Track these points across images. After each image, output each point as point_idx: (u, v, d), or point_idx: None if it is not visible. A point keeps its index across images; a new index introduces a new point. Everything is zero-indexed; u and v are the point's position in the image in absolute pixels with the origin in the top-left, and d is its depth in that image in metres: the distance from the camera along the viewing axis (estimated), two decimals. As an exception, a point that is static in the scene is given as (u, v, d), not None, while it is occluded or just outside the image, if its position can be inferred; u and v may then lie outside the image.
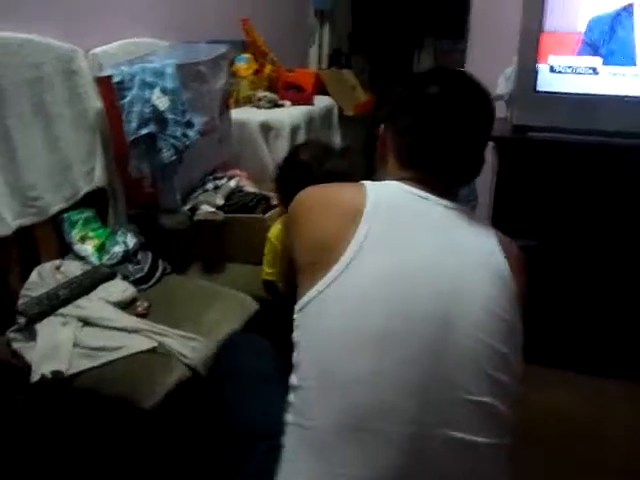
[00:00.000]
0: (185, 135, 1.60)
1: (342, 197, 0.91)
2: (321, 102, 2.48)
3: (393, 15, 4.01)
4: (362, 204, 0.87)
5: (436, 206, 0.90)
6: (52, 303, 1.33)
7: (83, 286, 1.40)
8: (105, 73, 1.53)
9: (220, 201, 1.72)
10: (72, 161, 1.55)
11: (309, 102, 2.39)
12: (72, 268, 1.46)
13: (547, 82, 1.98)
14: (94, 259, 1.53)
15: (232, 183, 1.80)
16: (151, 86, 1.52)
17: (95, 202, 1.63)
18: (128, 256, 1.56)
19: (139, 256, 1.58)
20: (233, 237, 1.72)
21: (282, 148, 2.15)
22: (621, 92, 1.91)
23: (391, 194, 0.91)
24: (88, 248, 1.54)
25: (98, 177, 1.61)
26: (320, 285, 0.83)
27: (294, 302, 0.89)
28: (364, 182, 0.93)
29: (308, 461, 0.78)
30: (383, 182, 0.94)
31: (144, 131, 1.51)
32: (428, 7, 4.48)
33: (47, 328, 1.28)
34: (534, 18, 1.95)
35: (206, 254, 1.74)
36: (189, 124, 1.62)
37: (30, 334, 1.27)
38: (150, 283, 1.53)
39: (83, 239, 1.55)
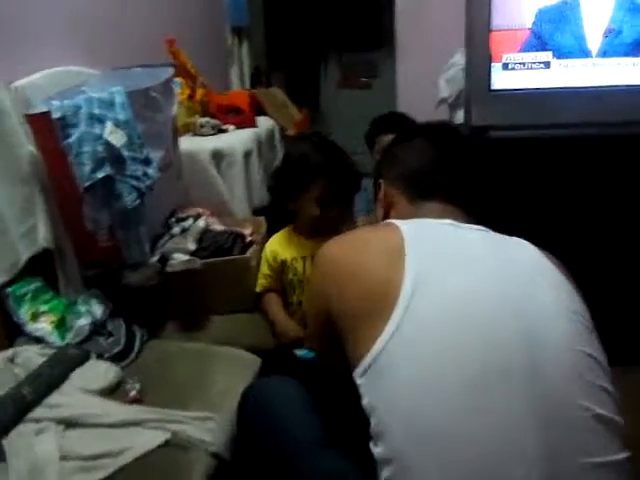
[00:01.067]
0: (146, 174, 1.35)
1: (377, 236, 0.86)
2: (262, 123, 2.29)
3: (302, 30, 3.92)
4: (400, 238, 0.80)
5: (465, 230, 0.86)
6: (17, 407, 1.03)
7: (52, 377, 1.10)
8: (39, 109, 1.24)
9: (192, 246, 1.48)
10: (7, 222, 1.25)
11: (253, 124, 2.19)
12: (31, 355, 1.15)
13: (501, 80, 1.94)
14: (55, 339, 1.23)
15: (201, 223, 1.56)
16: (100, 120, 1.26)
17: (42, 268, 1.32)
18: (97, 329, 1.27)
19: (109, 326, 1.29)
20: (213, 285, 1.47)
21: (237, 177, 1.95)
22: (574, 84, 1.91)
23: (422, 226, 0.86)
24: (44, 326, 1.23)
25: (42, 236, 1.31)
26: (383, 337, 0.72)
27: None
28: (391, 220, 0.88)
29: None
30: (407, 220, 0.87)
31: (100, 174, 1.24)
32: (331, 22, 4.48)
33: (19, 442, 0.98)
34: (482, 16, 1.90)
35: (184, 309, 1.48)
36: (147, 161, 1.37)
37: (-3, 455, 0.97)
38: (131, 357, 1.25)
39: (35, 316, 1.24)
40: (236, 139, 2.00)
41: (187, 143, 1.89)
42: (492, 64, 1.92)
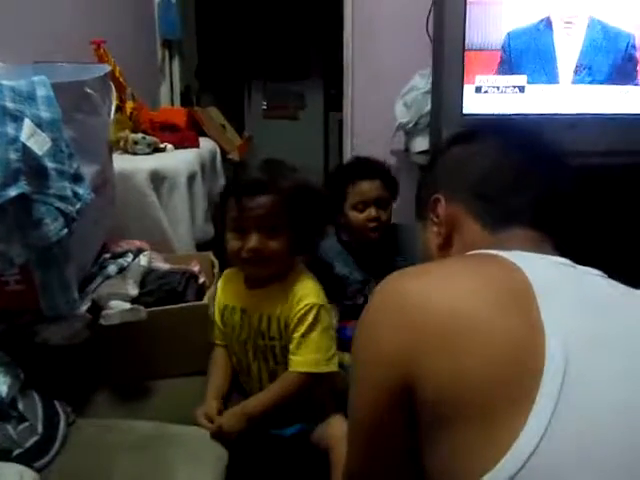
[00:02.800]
0: (75, 194, 1.00)
1: (483, 269, 0.56)
2: (203, 144, 1.98)
3: (231, 54, 3.68)
4: (522, 277, 0.53)
5: (589, 276, 0.59)
6: None
7: None
8: None
9: (134, 290, 1.13)
10: None
11: (195, 144, 1.88)
12: None
13: (473, 104, 1.80)
14: None
15: (142, 261, 1.21)
16: (15, 117, 0.91)
17: None
18: (2, 410, 0.88)
19: (20, 405, 0.91)
20: (163, 341, 1.13)
21: (180, 204, 1.61)
22: (548, 110, 1.82)
23: (538, 263, 0.58)
24: None
25: None
26: (522, 443, 0.44)
27: None
28: (492, 251, 0.59)
29: None
30: (510, 252, 0.59)
31: (13, 191, 0.88)
32: (257, 50, 4.30)
33: None
34: (455, 34, 1.76)
35: (122, 374, 1.12)
36: (78, 177, 1.02)
37: None
38: (53, 451, 0.88)
39: None
40: (178, 160, 1.67)
41: (119, 162, 1.53)
42: (465, 87, 1.79)
